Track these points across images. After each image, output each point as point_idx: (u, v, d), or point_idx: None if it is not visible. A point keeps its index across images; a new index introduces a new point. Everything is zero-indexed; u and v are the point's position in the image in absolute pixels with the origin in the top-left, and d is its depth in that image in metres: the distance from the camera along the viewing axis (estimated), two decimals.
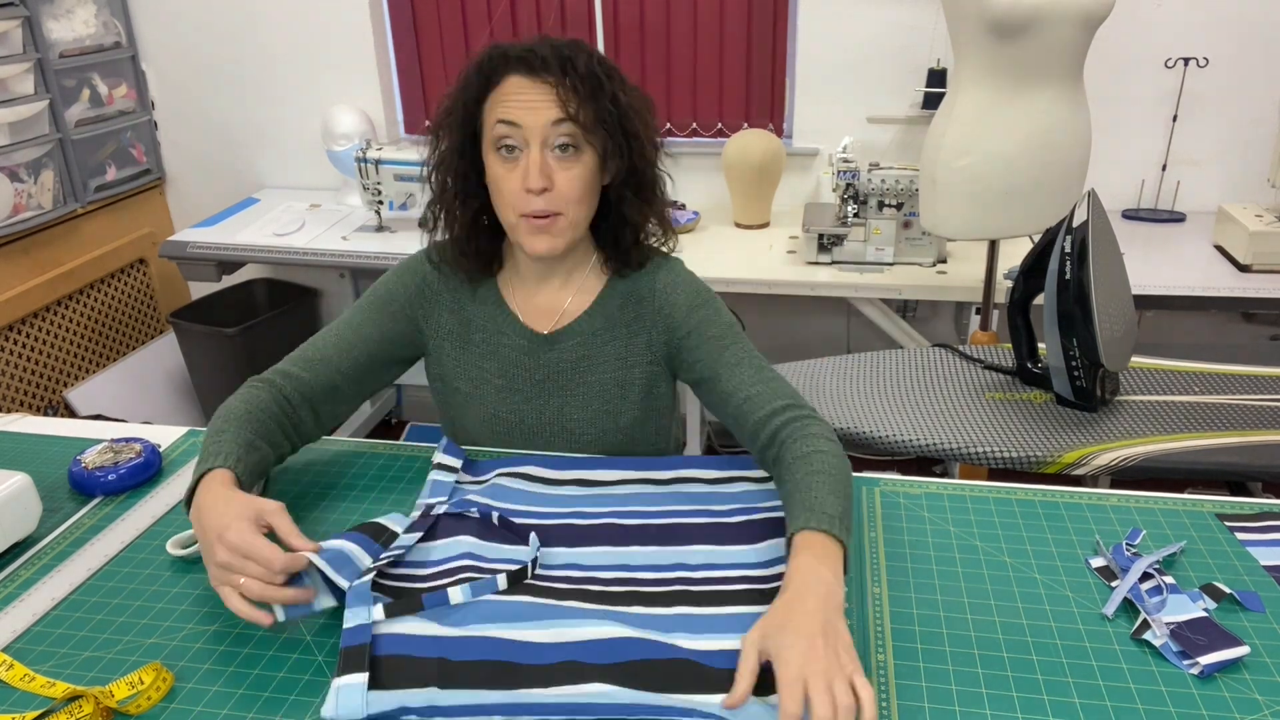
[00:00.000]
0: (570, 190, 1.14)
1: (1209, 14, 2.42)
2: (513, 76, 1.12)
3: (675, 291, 1.25)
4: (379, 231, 2.68)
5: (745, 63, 2.76)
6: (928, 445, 1.48)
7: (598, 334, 1.26)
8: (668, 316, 1.24)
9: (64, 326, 2.86)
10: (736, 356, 1.19)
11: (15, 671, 0.91)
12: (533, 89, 1.11)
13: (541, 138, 1.12)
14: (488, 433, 1.30)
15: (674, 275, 1.27)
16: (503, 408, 1.28)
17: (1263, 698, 0.85)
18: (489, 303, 1.28)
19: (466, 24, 2.84)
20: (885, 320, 2.46)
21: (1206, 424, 1.48)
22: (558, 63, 1.11)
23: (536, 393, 1.27)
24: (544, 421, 1.28)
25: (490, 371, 1.28)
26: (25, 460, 1.31)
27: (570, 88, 1.10)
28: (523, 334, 1.27)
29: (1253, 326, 2.59)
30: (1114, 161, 2.57)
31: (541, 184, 1.12)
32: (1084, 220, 1.45)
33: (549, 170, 1.13)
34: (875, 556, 1.05)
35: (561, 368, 1.26)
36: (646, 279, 1.26)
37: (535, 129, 1.11)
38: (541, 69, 1.11)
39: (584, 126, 1.11)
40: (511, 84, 1.12)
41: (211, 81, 3.04)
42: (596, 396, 1.26)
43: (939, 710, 0.84)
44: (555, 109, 1.10)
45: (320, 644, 0.94)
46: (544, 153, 1.12)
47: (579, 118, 1.11)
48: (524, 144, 1.12)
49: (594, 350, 1.26)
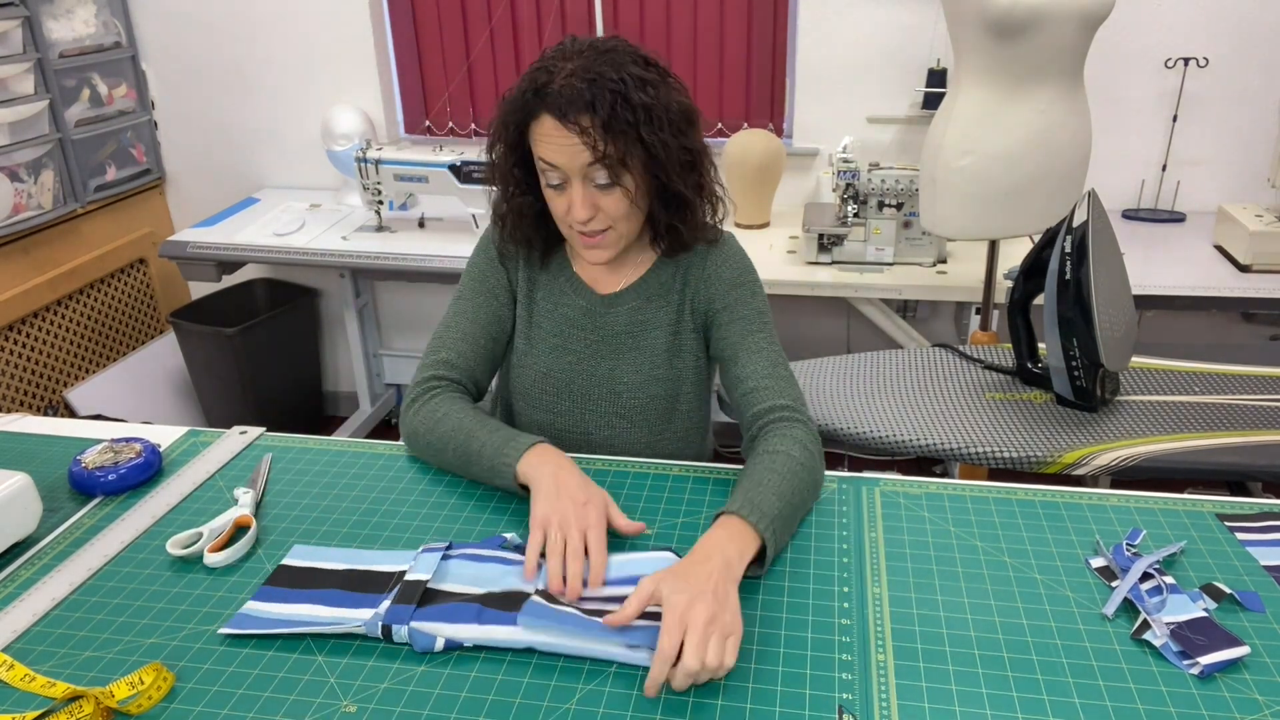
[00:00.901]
0: (616, 211, 1.19)
1: (1209, 14, 2.42)
2: (546, 116, 1.15)
3: (723, 265, 1.31)
4: (379, 231, 2.68)
5: (745, 63, 2.76)
6: (928, 445, 1.48)
7: (653, 299, 1.32)
8: (711, 286, 1.30)
9: (64, 326, 2.86)
10: (759, 344, 1.26)
11: (15, 671, 0.91)
12: (564, 133, 1.14)
13: (581, 175, 1.16)
14: (537, 391, 1.35)
15: (725, 248, 1.33)
16: (556, 366, 1.33)
17: (1263, 698, 0.85)
18: (554, 264, 1.35)
19: (466, 24, 2.84)
20: (885, 320, 2.45)
21: (1206, 424, 1.48)
22: (586, 103, 1.12)
23: (591, 353, 1.33)
24: (594, 382, 1.33)
25: (547, 330, 1.34)
26: (25, 460, 1.31)
27: (598, 132, 1.12)
28: (584, 294, 1.33)
29: (1253, 326, 2.59)
30: (1114, 161, 2.57)
31: (586, 215, 1.18)
32: (1084, 220, 1.45)
33: (593, 199, 1.18)
34: (875, 556, 1.05)
35: (616, 330, 1.32)
36: (698, 249, 1.31)
37: (573, 169, 1.16)
38: (571, 111, 1.13)
39: (616, 162, 1.14)
40: (546, 124, 1.15)
41: (211, 81, 3.04)
42: (647, 360, 1.32)
43: (939, 710, 0.84)
44: (586, 154, 1.14)
45: (320, 644, 0.94)
46: (586, 186, 1.17)
47: (610, 155, 1.14)
48: (565, 180, 1.17)
49: (649, 315, 1.32)
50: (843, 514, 1.13)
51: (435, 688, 0.89)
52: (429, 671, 0.91)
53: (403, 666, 0.91)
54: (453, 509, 1.17)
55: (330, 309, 3.26)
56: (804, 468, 1.12)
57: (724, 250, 1.32)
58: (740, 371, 1.25)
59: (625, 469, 1.25)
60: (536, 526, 1.03)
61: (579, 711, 0.85)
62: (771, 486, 1.06)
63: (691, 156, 1.21)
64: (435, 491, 1.21)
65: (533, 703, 0.87)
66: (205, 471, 1.26)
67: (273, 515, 1.16)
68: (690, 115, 1.20)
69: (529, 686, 0.89)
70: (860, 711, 0.85)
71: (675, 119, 1.17)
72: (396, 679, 0.90)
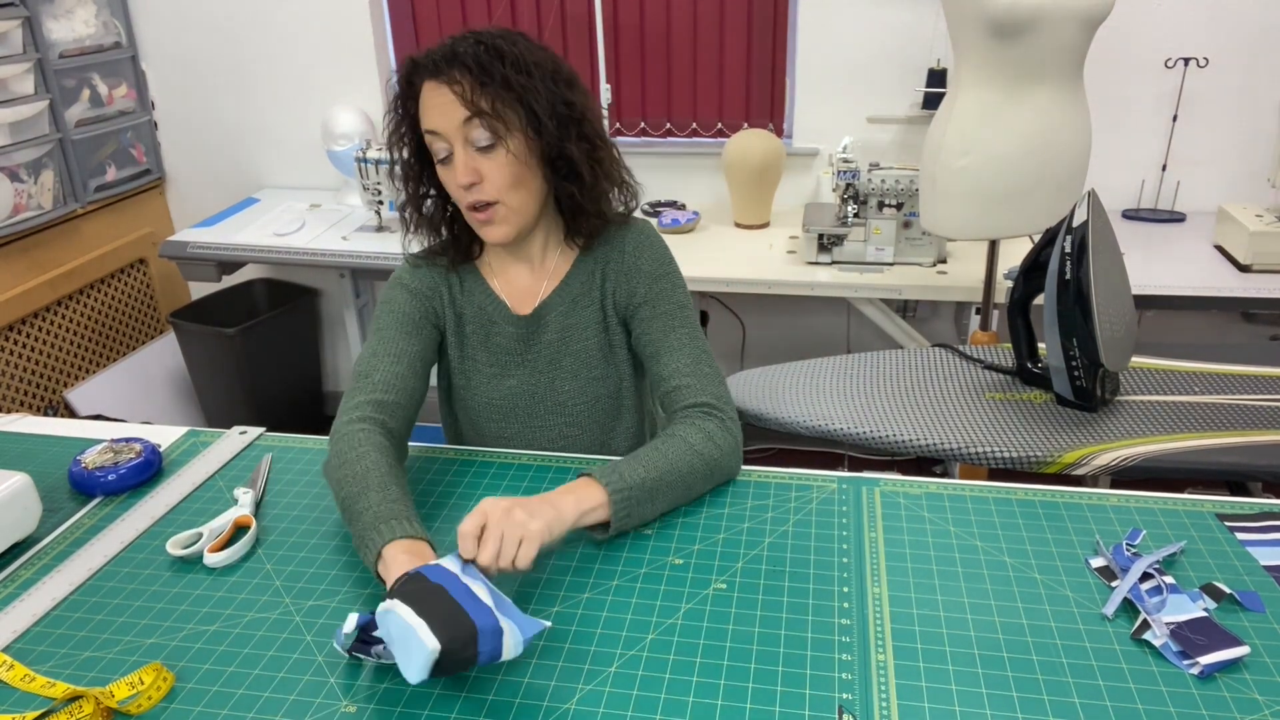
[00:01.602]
0: (499, 178, 1.17)
1: (1209, 14, 2.42)
2: (427, 81, 1.16)
3: (641, 256, 1.28)
4: (379, 231, 2.68)
5: (745, 63, 2.76)
6: (928, 445, 1.48)
7: (576, 301, 1.30)
8: (631, 279, 1.28)
9: (64, 326, 2.86)
10: (680, 340, 1.24)
11: (15, 672, 0.91)
12: (440, 90, 1.14)
13: (461, 138, 1.15)
14: (483, 419, 1.34)
15: (643, 237, 1.30)
16: (497, 393, 1.31)
17: (1263, 698, 0.85)
18: (476, 292, 1.31)
19: (466, 24, 2.83)
20: (885, 320, 2.45)
21: (1206, 424, 1.48)
22: (453, 57, 1.13)
23: (527, 372, 1.31)
24: (536, 400, 1.32)
25: (482, 361, 1.31)
26: (25, 460, 1.31)
27: (469, 83, 1.13)
28: (509, 319, 1.30)
29: (1253, 326, 2.59)
30: (1114, 161, 2.57)
31: (469, 179, 1.16)
32: (1084, 220, 1.45)
33: (474, 164, 1.16)
34: (875, 556, 1.05)
35: (547, 341, 1.30)
36: (616, 242, 1.29)
37: (452, 131, 1.15)
38: (445, 67, 1.14)
39: (491, 115, 1.13)
40: (427, 90, 1.16)
41: (211, 81, 3.04)
42: (584, 365, 1.30)
43: (939, 710, 0.84)
44: (459, 108, 1.13)
45: (320, 644, 0.94)
46: (468, 151, 1.15)
47: (482, 107, 1.13)
48: (450, 148, 1.16)
49: (574, 319, 1.30)
50: (843, 514, 1.13)
51: (435, 688, 0.88)
52: None
53: None
54: (453, 508, 1.17)
55: (330, 309, 3.26)
56: (696, 454, 1.13)
57: (641, 240, 1.29)
58: (662, 370, 1.24)
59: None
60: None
61: (579, 711, 0.85)
62: (644, 460, 1.09)
63: (571, 111, 1.18)
64: (435, 491, 1.21)
65: (533, 703, 0.87)
66: (205, 472, 1.26)
67: (273, 515, 1.16)
68: (569, 76, 1.20)
69: (529, 686, 0.88)
70: (860, 711, 0.85)
71: (549, 72, 1.17)
72: (396, 679, 0.90)
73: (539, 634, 0.90)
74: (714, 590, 1.00)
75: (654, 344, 1.25)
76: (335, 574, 1.05)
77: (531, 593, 1.01)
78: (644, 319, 1.26)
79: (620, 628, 0.95)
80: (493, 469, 1.25)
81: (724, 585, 1.01)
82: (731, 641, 0.93)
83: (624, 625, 0.96)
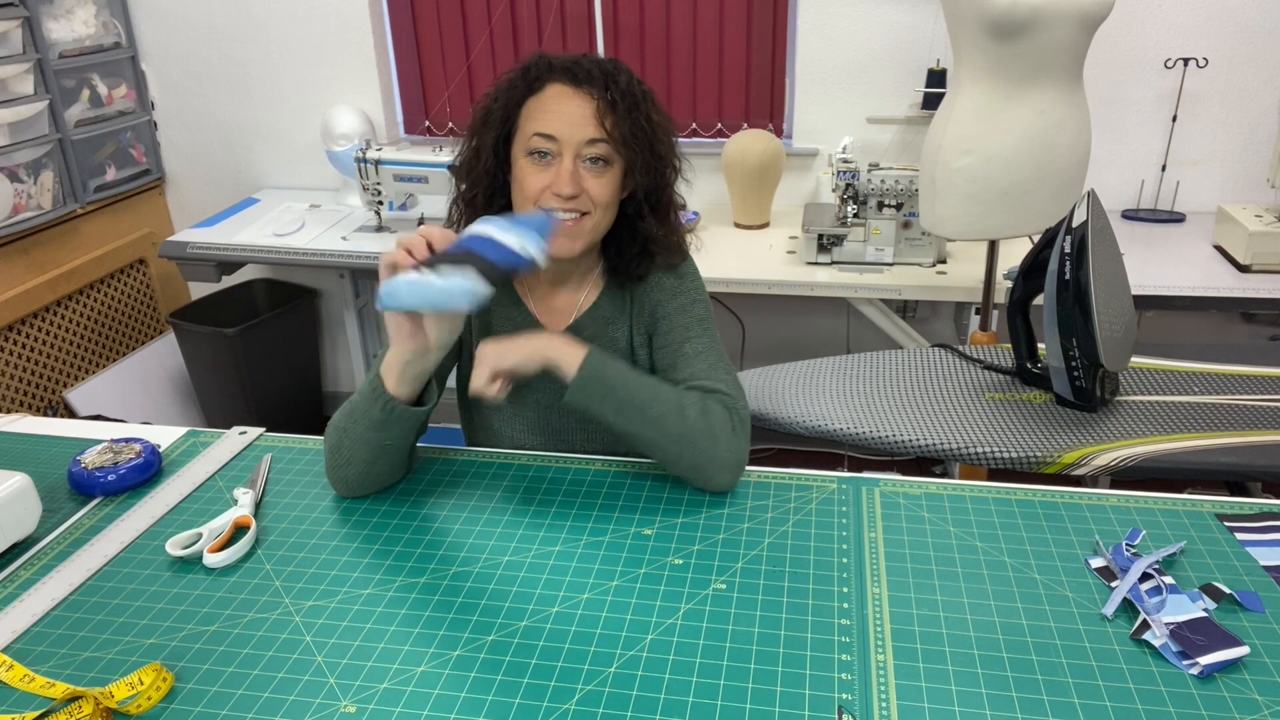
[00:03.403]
0: (600, 195, 1.19)
1: (1209, 14, 2.42)
2: (555, 84, 1.17)
3: (665, 272, 1.30)
4: (379, 232, 2.68)
5: (745, 63, 2.76)
6: (928, 445, 1.48)
7: (608, 322, 1.31)
8: (653, 293, 1.30)
9: (64, 326, 2.86)
10: (697, 349, 1.26)
11: (15, 672, 0.91)
12: (573, 99, 1.15)
13: (575, 151, 1.16)
14: (508, 431, 1.34)
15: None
16: (524, 409, 1.32)
17: (1262, 698, 0.85)
18: (506, 305, 1.32)
19: (466, 24, 2.84)
20: (885, 320, 2.45)
21: (1206, 424, 1.48)
22: (601, 77, 1.16)
23: (555, 390, 1.29)
24: (562, 413, 1.32)
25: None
26: (25, 460, 1.31)
27: (610, 102, 1.15)
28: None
29: (1253, 326, 2.59)
30: (1114, 161, 2.57)
31: (572, 190, 1.17)
32: (1083, 220, 1.45)
33: (580, 178, 1.17)
34: (875, 557, 1.05)
35: None
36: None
37: (570, 142, 1.16)
38: (585, 80, 1.16)
39: (618, 142, 1.16)
40: (553, 91, 1.17)
41: (211, 81, 3.04)
42: None
43: (938, 710, 0.84)
44: (592, 126, 1.15)
45: (320, 644, 0.94)
46: (577, 163, 1.17)
47: (614, 134, 1.15)
48: (557, 154, 1.17)
49: (606, 340, 1.31)
50: (842, 514, 1.13)
51: (435, 688, 0.89)
52: (429, 671, 0.91)
53: (402, 667, 0.91)
54: (453, 508, 1.17)
55: (330, 309, 3.26)
56: (682, 405, 1.15)
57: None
58: (678, 376, 1.24)
59: (625, 470, 1.24)
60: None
61: (579, 712, 0.85)
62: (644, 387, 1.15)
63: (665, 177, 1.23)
64: (435, 491, 1.21)
65: (533, 703, 0.87)
66: (205, 472, 1.26)
67: (272, 515, 1.16)
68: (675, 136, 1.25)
69: (529, 687, 0.89)
70: (860, 711, 0.85)
71: (668, 132, 1.21)
72: (396, 679, 0.90)
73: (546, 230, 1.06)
74: (714, 590, 1.00)
75: (671, 355, 1.27)
76: (335, 574, 1.05)
77: (532, 593, 1.01)
78: (664, 331, 1.29)
79: (620, 628, 0.95)
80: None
81: (724, 585, 1.01)
82: (731, 642, 0.93)
83: (624, 625, 0.96)
